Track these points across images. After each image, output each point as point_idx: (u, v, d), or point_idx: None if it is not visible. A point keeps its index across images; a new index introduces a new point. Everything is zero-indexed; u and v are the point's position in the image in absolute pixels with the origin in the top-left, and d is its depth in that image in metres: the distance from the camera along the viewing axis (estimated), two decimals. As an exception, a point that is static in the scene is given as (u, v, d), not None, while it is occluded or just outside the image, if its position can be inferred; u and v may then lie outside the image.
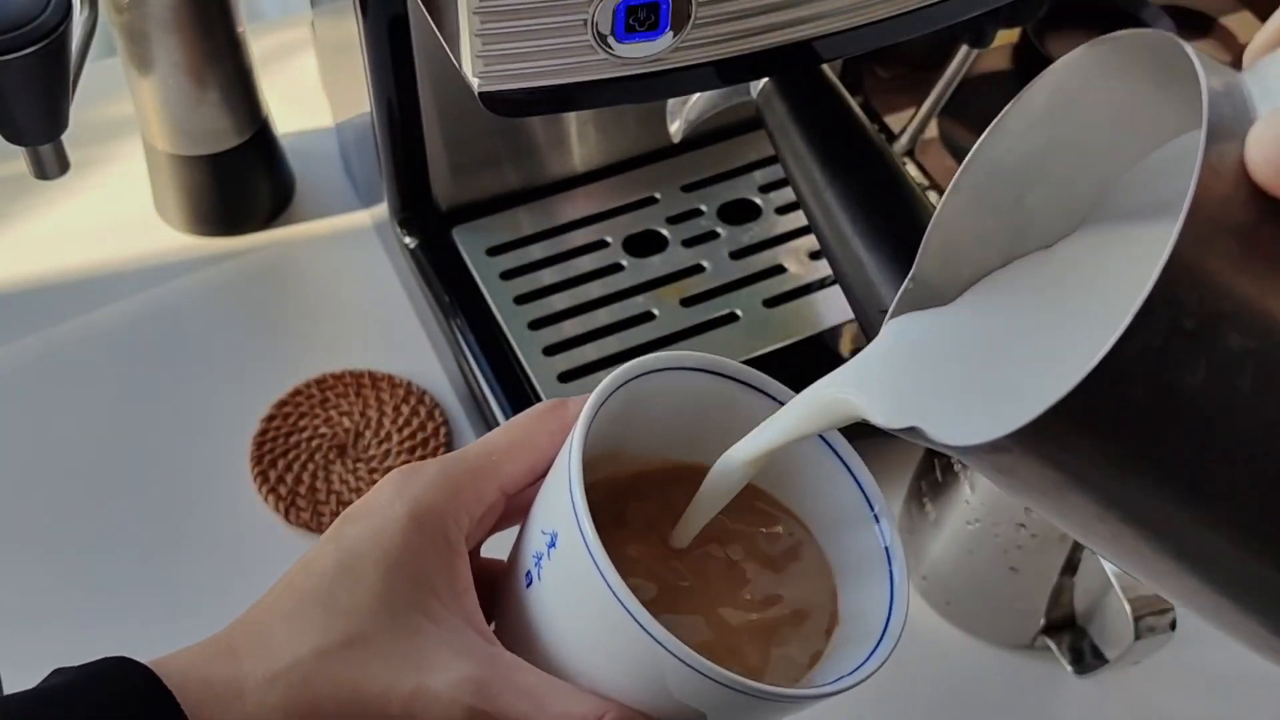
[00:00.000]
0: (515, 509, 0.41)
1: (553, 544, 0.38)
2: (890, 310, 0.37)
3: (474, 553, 0.42)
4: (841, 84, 0.54)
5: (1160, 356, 0.26)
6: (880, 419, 0.35)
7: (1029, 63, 0.84)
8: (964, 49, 0.66)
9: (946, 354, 0.36)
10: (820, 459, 0.41)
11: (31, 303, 0.75)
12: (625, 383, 0.40)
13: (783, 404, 0.40)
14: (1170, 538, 0.29)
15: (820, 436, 0.41)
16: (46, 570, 0.64)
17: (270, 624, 0.37)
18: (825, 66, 0.54)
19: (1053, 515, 0.31)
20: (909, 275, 0.36)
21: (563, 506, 0.37)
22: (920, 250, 0.36)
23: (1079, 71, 0.33)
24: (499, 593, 0.42)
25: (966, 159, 0.35)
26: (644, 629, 0.34)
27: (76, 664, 0.35)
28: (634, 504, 0.42)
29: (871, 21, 0.49)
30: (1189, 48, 0.28)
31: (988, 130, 0.34)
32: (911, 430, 0.33)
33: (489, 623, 0.40)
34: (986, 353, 0.35)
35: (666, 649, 0.34)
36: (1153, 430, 0.27)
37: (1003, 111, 0.34)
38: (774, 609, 0.40)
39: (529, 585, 0.39)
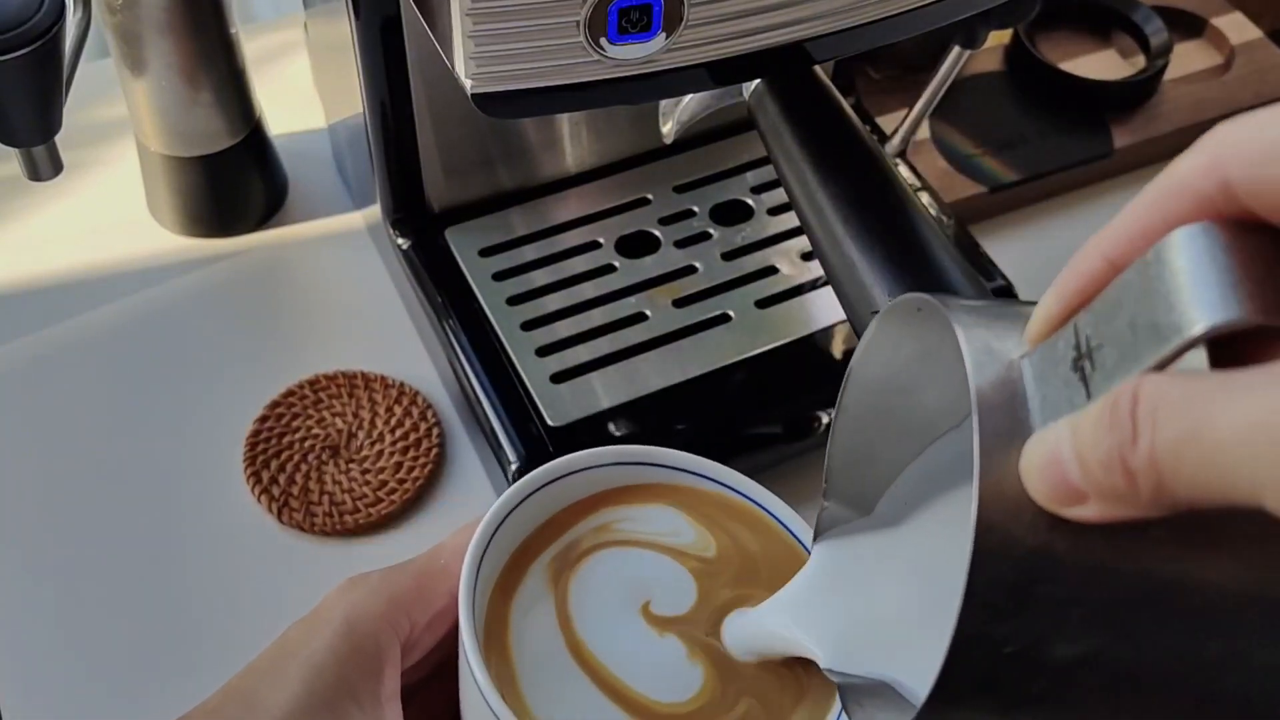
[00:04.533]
0: None
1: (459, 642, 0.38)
2: (815, 532, 0.37)
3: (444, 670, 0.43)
4: (834, 85, 0.55)
5: (995, 680, 0.26)
6: (827, 663, 0.35)
7: (1021, 64, 0.84)
8: (956, 50, 0.66)
9: (881, 598, 0.36)
10: None
11: (24, 304, 0.75)
12: (530, 494, 0.41)
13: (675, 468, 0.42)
14: None
15: None
16: (36, 569, 0.64)
17: (194, 718, 0.38)
18: (817, 67, 0.54)
19: None
20: (823, 499, 0.37)
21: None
22: (826, 471, 0.36)
23: (890, 332, 0.33)
24: None
25: (845, 378, 0.35)
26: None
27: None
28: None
29: (864, 23, 0.49)
30: (961, 335, 0.27)
31: (856, 351, 0.35)
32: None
33: None
34: (915, 596, 0.35)
35: None
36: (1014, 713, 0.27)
37: (862, 339, 0.34)
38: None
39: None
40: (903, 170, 0.76)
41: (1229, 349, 0.24)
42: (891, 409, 0.36)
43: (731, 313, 0.68)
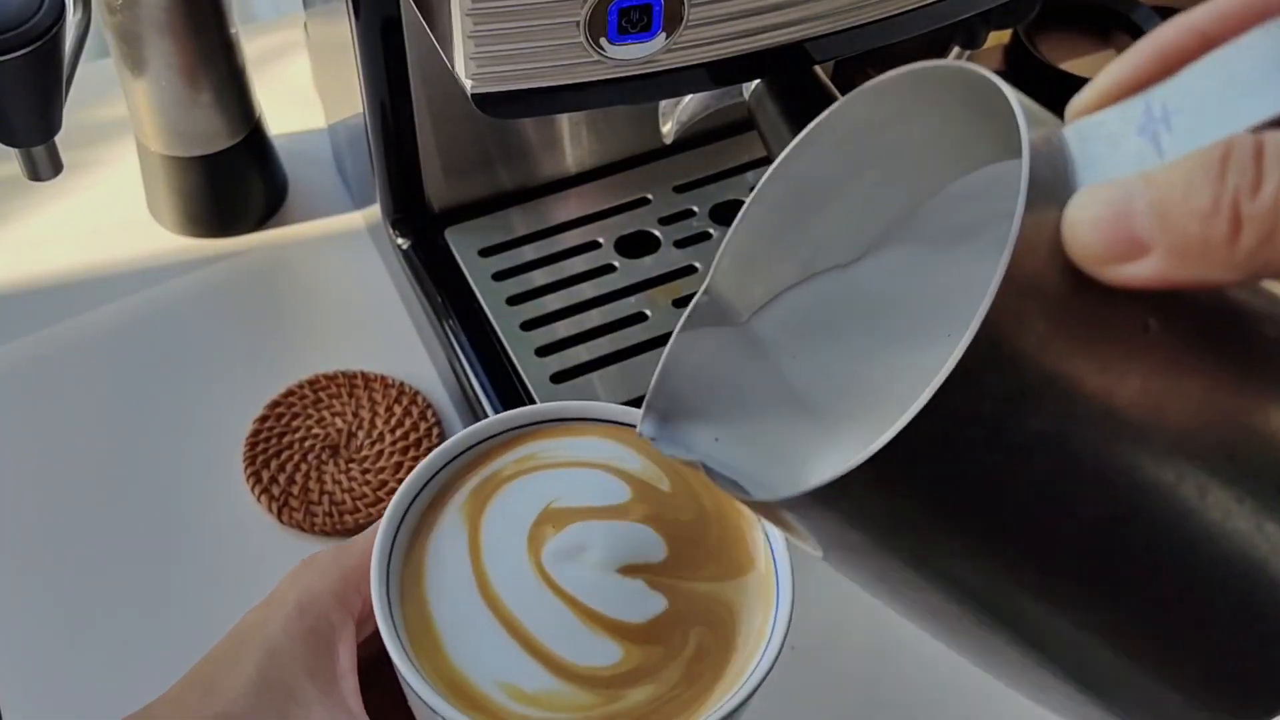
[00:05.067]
0: None
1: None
2: (681, 323, 0.36)
3: None
4: (833, 85, 0.55)
5: (955, 439, 0.25)
6: (666, 449, 0.35)
7: (1021, 64, 0.84)
8: (956, 50, 0.66)
9: (741, 389, 0.35)
10: None
11: (24, 304, 0.75)
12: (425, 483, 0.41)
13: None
14: (970, 603, 0.28)
15: None
16: (37, 569, 0.64)
17: (156, 706, 0.40)
18: (817, 68, 0.54)
19: (853, 574, 0.31)
20: (702, 288, 0.36)
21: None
22: (716, 261, 0.36)
23: (891, 95, 0.32)
24: None
25: (769, 171, 0.34)
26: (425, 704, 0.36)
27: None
28: None
29: (864, 23, 0.49)
30: (1012, 94, 0.27)
31: (793, 143, 0.33)
32: (697, 465, 0.34)
33: None
34: (780, 396, 0.35)
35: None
36: (944, 505, 0.26)
37: (809, 126, 0.33)
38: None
39: None
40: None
41: None
42: (797, 219, 0.35)
43: (731, 313, 0.68)
